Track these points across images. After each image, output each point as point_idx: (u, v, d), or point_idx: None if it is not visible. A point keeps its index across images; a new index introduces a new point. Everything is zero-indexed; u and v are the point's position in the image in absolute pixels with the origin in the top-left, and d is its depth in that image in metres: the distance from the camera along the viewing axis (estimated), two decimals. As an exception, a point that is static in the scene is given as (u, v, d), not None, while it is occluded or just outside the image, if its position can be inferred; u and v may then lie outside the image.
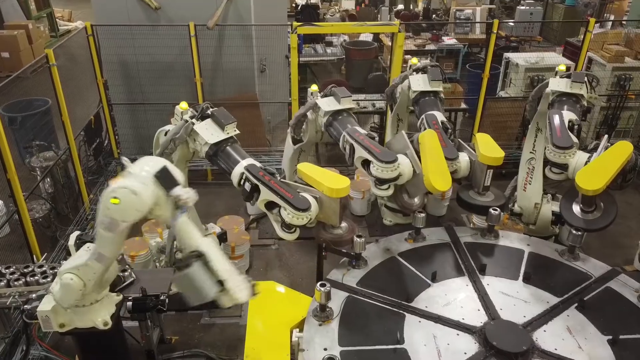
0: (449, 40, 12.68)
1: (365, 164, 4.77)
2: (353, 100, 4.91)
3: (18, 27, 13.16)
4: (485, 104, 8.00)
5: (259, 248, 6.51)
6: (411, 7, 15.69)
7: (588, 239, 6.57)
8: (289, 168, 6.33)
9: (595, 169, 4.43)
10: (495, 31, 7.27)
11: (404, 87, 5.81)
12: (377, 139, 4.97)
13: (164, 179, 3.06)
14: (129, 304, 4.09)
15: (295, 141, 6.01)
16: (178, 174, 3.16)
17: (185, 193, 3.05)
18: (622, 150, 4.54)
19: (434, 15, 14.63)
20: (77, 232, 3.89)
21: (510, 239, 4.77)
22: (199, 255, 3.06)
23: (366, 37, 12.91)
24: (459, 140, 5.32)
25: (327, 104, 5.33)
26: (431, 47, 12.24)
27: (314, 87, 5.65)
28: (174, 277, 3.37)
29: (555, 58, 8.52)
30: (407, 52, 11.69)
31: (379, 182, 4.68)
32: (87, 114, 7.91)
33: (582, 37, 7.56)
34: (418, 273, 4.31)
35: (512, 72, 8.63)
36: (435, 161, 4.55)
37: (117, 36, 7.32)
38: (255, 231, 6.79)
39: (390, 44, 12.47)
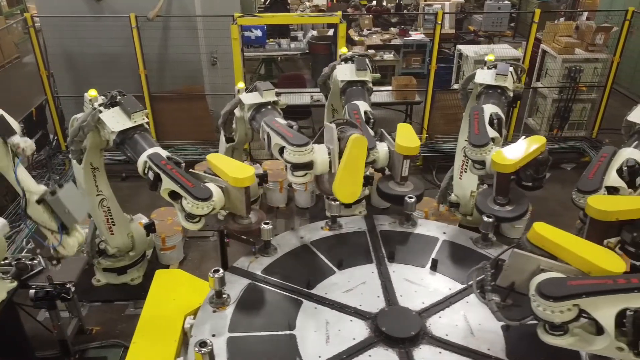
0: (416, 35, 12.70)
1: (281, 151, 4.73)
2: (310, 93, 4.86)
3: (-15, 22, 13.13)
4: (434, 96, 7.99)
5: (196, 240, 6.49)
6: (384, 3, 15.69)
7: (530, 230, 6.56)
8: None
9: (509, 151, 4.50)
10: (439, 22, 7.25)
11: (336, 77, 5.78)
12: (295, 127, 4.93)
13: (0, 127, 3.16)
14: (32, 292, 4.09)
15: (228, 140, 5.99)
16: (15, 124, 3.27)
17: (23, 142, 3.21)
18: (536, 140, 4.63)
19: (405, 11, 14.64)
20: None
21: (427, 227, 4.75)
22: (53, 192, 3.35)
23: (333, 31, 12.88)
24: (382, 130, 5.29)
25: (250, 98, 5.29)
26: (397, 41, 12.24)
27: (240, 85, 5.61)
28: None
29: (506, 50, 8.52)
30: (371, 46, 11.72)
31: (294, 167, 4.61)
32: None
33: (529, 28, 7.54)
34: (326, 260, 4.28)
35: (464, 64, 8.62)
36: (351, 172, 4.21)
37: (60, 28, 7.29)
38: (196, 223, 6.75)
39: (357, 38, 12.50)
